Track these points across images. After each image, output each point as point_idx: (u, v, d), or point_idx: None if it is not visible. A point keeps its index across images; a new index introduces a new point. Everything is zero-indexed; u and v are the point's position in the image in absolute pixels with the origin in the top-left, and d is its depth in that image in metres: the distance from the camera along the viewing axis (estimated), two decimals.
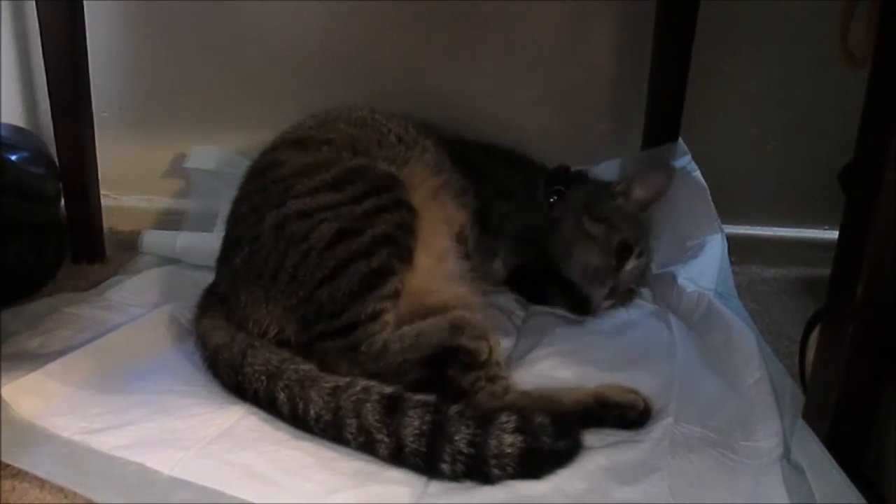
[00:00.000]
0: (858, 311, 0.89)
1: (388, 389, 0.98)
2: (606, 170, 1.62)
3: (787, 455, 0.98)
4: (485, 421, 0.93)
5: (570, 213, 1.43)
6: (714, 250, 1.45)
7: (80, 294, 1.38)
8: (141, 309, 1.29)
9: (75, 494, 0.88)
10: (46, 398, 1.04)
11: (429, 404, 0.95)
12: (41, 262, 1.43)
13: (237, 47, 1.68)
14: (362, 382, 0.99)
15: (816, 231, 1.75)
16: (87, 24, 1.51)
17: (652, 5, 1.57)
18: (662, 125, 1.57)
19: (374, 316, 1.08)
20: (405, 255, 1.12)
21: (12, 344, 1.18)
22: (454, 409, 0.94)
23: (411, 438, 0.92)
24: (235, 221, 1.21)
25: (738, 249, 1.59)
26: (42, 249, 1.42)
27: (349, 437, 0.96)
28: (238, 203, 1.23)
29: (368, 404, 0.96)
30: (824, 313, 1.01)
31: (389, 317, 1.09)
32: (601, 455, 0.97)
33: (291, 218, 1.11)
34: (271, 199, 1.15)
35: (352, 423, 0.96)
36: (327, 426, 0.97)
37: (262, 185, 1.20)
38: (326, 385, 1.00)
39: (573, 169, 1.53)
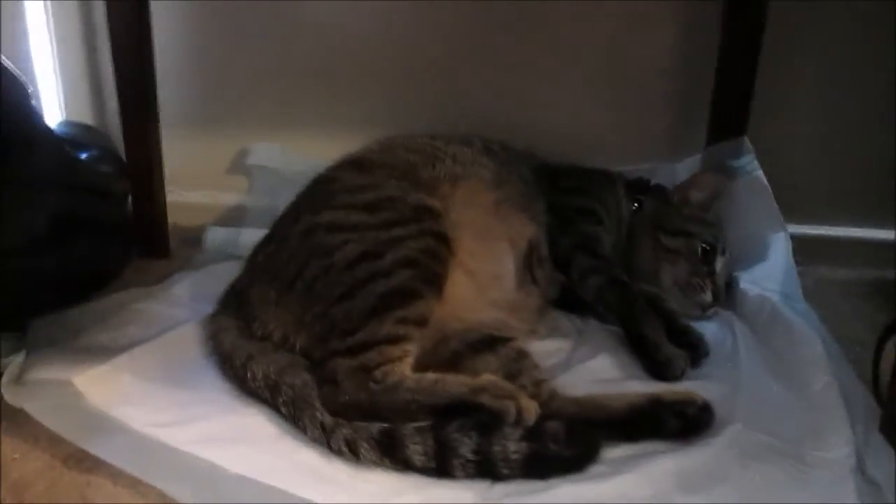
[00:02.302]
0: None
1: (375, 428, 0.95)
2: (687, 166, 1.60)
3: (860, 467, 0.95)
4: (486, 429, 0.93)
5: (646, 231, 1.41)
6: (778, 251, 1.43)
7: (147, 290, 1.41)
8: (205, 305, 1.31)
9: (147, 492, 0.90)
10: (116, 389, 1.07)
11: (425, 429, 0.94)
12: (109, 259, 1.47)
13: (300, 45, 1.70)
14: (348, 427, 0.96)
15: (888, 231, 1.68)
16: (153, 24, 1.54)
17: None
18: (729, 121, 1.53)
19: (393, 339, 1.03)
20: (431, 280, 1.09)
21: (84, 338, 1.22)
22: (454, 425, 0.94)
23: (419, 463, 0.92)
24: (277, 221, 1.25)
25: (805, 250, 1.55)
26: (110, 247, 1.46)
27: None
28: (288, 207, 1.26)
29: (364, 443, 0.94)
30: None
31: (412, 346, 1.05)
32: (668, 459, 0.96)
33: (321, 228, 1.13)
34: (311, 207, 1.19)
35: (350, 456, 0.95)
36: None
37: (312, 193, 1.25)
38: (317, 416, 0.98)
39: (652, 182, 1.52)
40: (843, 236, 1.70)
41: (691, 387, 1.12)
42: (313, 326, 1.08)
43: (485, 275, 1.21)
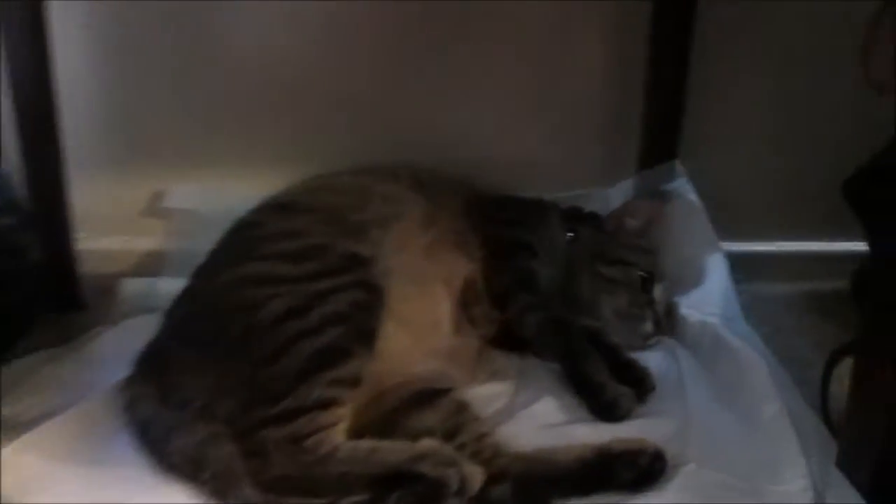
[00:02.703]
0: None
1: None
2: (620, 191, 1.58)
3: (818, 500, 0.92)
4: (428, 501, 0.87)
5: (584, 261, 1.37)
6: (715, 273, 1.41)
7: (58, 350, 1.30)
8: (121, 366, 1.20)
9: None
10: (26, 473, 0.96)
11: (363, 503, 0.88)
12: (15, 317, 1.35)
13: (219, 79, 1.60)
14: None
15: (821, 243, 1.71)
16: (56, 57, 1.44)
17: (645, 22, 1.52)
18: (659, 145, 1.52)
19: (325, 403, 0.95)
20: (363, 335, 1.02)
21: None
22: (393, 497, 0.87)
23: None
24: (195, 272, 1.15)
25: (741, 268, 1.54)
26: (16, 303, 1.34)
27: None
28: (208, 255, 1.17)
29: None
30: (860, 346, 0.94)
31: (345, 410, 0.97)
32: None
33: (247, 281, 1.05)
34: (234, 257, 1.11)
35: None
36: None
37: (233, 241, 1.16)
38: (244, 493, 0.90)
39: (586, 210, 1.48)
40: (779, 251, 1.71)
41: (639, 425, 1.08)
42: (238, 392, 0.98)
43: (420, 323, 1.14)
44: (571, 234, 1.41)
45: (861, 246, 1.37)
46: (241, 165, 1.59)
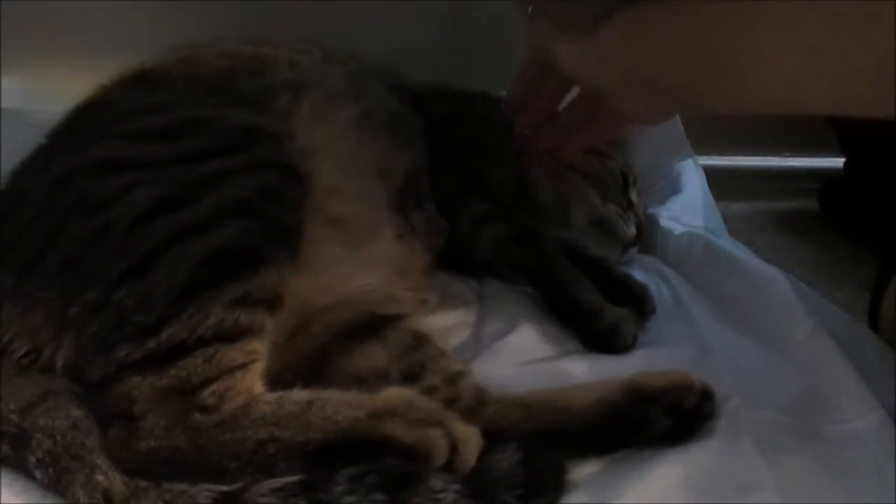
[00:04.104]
0: None
1: (205, 495, 0.55)
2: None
3: None
4: (401, 482, 0.55)
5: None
6: (692, 180, 1.21)
7: None
8: None
9: None
10: None
11: (294, 487, 0.55)
12: None
13: None
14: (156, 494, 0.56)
15: (777, 160, 1.55)
16: None
17: None
18: None
19: (229, 333, 0.62)
20: (280, 234, 0.70)
21: None
22: (342, 477, 0.55)
23: None
24: (14, 171, 0.77)
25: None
26: None
27: None
28: (33, 150, 0.80)
29: None
30: None
31: (260, 345, 0.65)
32: (665, 468, 0.64)
33: (87, 169, 0.70)
34: (71, 143, 0.76)
35: None
36: None
37: (68, 128, 0.80)
38: (97, 480, 0.56)
39: None
40: (737, 166, 1.53)
41: (647, 356, 0.84)
42: (85, 326, 0.63)
43: (356, 222, 0.82)
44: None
45: (823, 162, 1.29)
46: (83, 54, 1.22)
